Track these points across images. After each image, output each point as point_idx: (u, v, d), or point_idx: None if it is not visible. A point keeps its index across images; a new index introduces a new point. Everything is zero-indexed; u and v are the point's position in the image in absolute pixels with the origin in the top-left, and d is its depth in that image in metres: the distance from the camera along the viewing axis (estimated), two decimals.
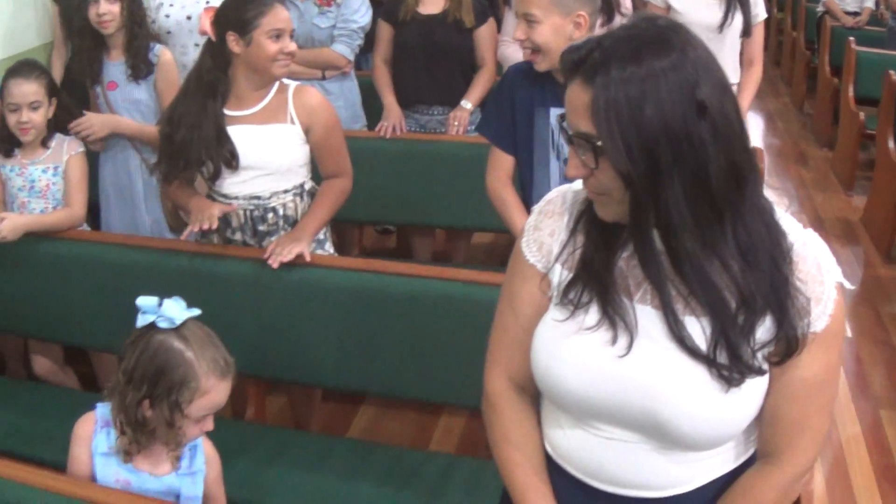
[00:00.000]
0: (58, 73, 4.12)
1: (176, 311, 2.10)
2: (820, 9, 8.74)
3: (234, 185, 3.03)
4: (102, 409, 2.20)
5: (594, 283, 1.53)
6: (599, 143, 1.38)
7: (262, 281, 2.98)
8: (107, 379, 3.65)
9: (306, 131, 3.03)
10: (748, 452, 1.63)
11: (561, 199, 1.65)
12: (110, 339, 3.27)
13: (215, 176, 3.01)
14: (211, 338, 2.13)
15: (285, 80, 3.06)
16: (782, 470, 1.57)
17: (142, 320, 2.10)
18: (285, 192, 3.08)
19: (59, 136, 3.42)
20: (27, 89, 3.27)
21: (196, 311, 2.14)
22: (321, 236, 3.20)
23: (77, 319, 3.30)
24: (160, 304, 2.09)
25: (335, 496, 2.69)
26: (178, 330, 2.09)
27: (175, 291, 2.99)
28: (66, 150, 3.40)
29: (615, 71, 1.35)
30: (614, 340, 1.51)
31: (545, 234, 1.64)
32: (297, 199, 3.11)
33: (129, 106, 3.68)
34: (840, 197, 6.64)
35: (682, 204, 1.37)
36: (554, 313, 1.59)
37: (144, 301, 2.10)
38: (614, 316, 1.51)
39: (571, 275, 1.57)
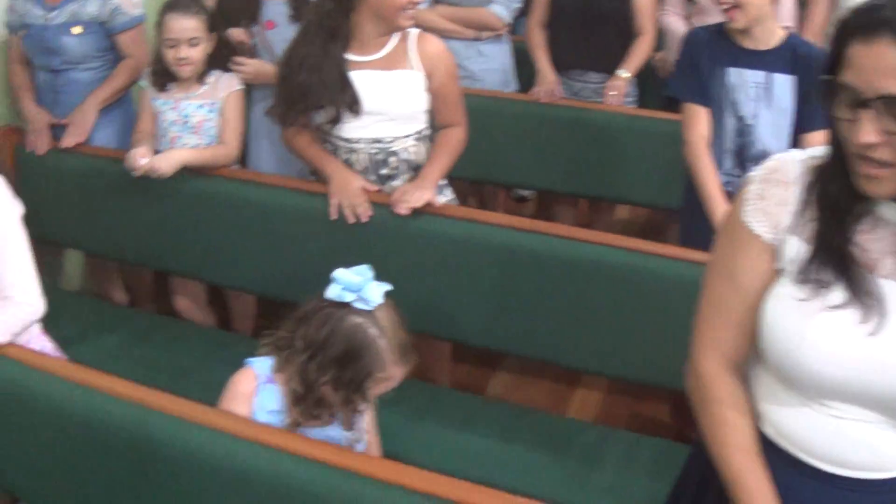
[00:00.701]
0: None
1: (376, 293, 2.03)
2: None
3: (355, 129, 3.00)
4: (260, 365, 2.14)
5: (836, 260, 1.48)
6: None
7: (408, 231, 2.93)
8: (242, 321, 3.69)
9: (428, 78, 3.00)
10: None
11: (785, 168, 1.58)
12: (253, 281, 3.28)
13: (336, 120, 2.97)
14: (399, 321, 2.08)
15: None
16: None
17: (336, 294, 2.02)
18: (406, 136, 3.05)
19: (216, 73, 3.37)
20: (186, 25, 3.23)
21: (387, 286, 2.07)
22: (442, 182, 3.17)
23: (221, 259, 3.27)
24: (354, 281, 2.02)
25: (489, 457, 2.63)
26: (372, 313, 2.02)
27: (320, 236, 3.01)
28: (224, 86, 3.36)
29: None
30: (864, 319, 1.45)
31: (772, 203, 1.56)
32: (419, 143, 3.09)
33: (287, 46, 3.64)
34: None
35: None
36: (792, 290, 1.52)
37: (345, 277, 2.02)
38: (862, 293, 1.45)
39: (809, 248, 1.50)
